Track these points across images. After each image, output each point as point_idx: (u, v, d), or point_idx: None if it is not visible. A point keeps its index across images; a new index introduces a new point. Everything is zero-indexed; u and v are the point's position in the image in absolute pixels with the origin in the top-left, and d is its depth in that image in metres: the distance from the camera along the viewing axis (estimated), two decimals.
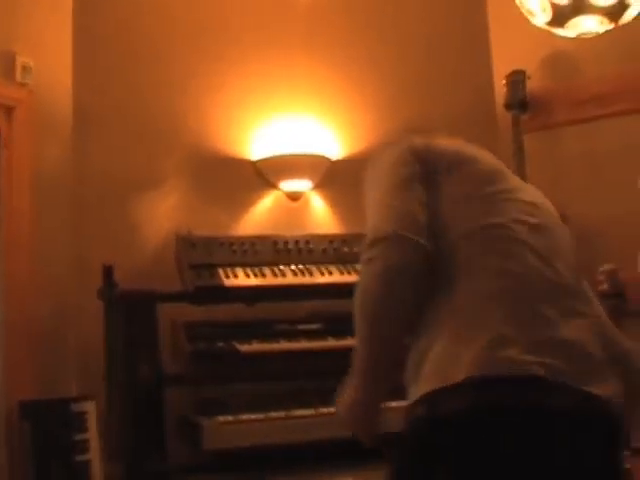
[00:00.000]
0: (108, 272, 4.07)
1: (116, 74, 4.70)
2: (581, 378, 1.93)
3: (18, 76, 4.28)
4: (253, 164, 4.86)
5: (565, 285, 2.08)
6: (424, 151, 2.22)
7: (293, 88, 4.96)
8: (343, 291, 4.30)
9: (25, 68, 4.31)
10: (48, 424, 4.04)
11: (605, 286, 4.33)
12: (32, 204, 4.28)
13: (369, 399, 2.11)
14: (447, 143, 2.29)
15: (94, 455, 4.12)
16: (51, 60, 4.46)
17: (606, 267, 4.34)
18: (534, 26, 4.62)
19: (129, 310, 4.02)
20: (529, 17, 4.54)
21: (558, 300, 2.03)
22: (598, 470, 1.95)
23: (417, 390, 1.98)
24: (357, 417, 2.14)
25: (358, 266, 4.33)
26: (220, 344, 4.14)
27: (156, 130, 4.70)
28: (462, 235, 2.06)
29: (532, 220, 2.11)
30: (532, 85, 5.00)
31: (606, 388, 1.95)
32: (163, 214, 4.66)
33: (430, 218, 2.07)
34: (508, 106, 5.01)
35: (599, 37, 4.61)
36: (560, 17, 4.41)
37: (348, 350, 4.02)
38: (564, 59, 5.10)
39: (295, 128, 4.88)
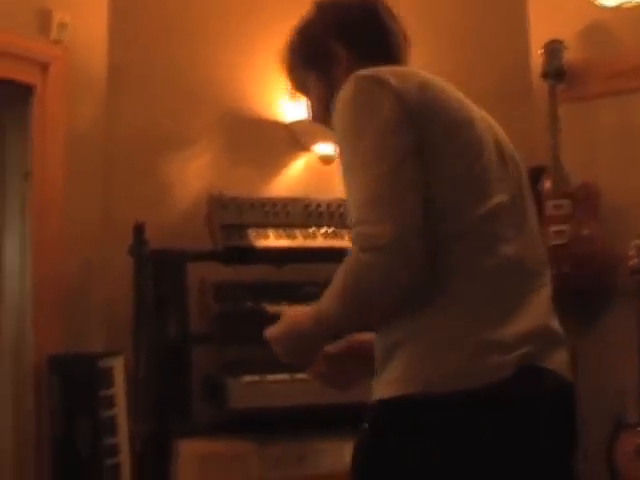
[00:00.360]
0: (139, 230, 4.08)
1: (151, 32, 4.70)
2: (549, 356, 1.93)
3: (53, 33, 4.28)
4: (286, 126, 4.84)
5: (533, 269, 2.02)
6: (417, 107, 1.91)
7: None
8: None
9: (61, 25, 4.30)
10: (76, 379, 4.07)
11: (636, 261, 4.31)
12: (65, 160, 4.30)
13: (316, 343, 2.06)
14: (437, 89, 1.98)
15: (120, 411, 4.15)
16: (87, 17, 4.46)
17: (637, 242, 4.31)
18: None
19: (159, 268, 4.05)
20: None
21: (529, 286, 1.99)
22: (566, 445, 1.99)
23: (382, 387, 1.93)
24: (294, 349, 2.06)
25: None
26: (248, 305, 4.15)
27: (189, 89, 4.70)
28: (454, 233, 1.90)
29: (505, 199, 1.98)
30: (569, 55, 4.95)
31: (561, 360, 1.97)
32: (194, 173, 4.66)
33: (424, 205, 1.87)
34: (545, 75, 4.97)
35: (638, 7, 4.57)
36: None
37: None
38: (602, 30, 5.04)
39: None
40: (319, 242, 4.30)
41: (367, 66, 2.01)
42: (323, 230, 4.35)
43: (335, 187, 4.81)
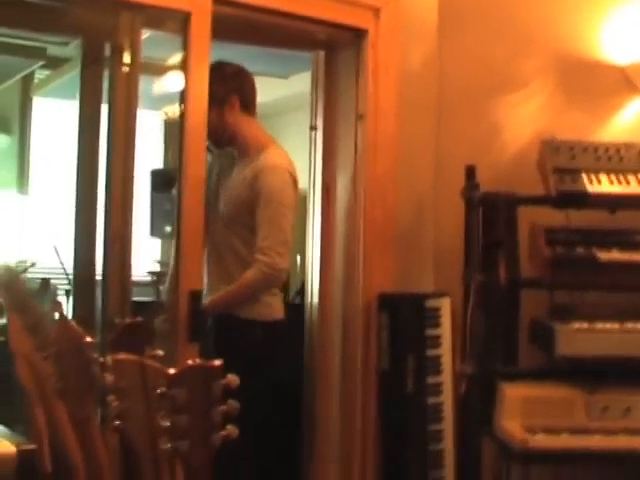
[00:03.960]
0: (470, 173, 4.09)
1: None
2: None
3: None
4: (621, 68, 4.68)
5: None
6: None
7: None
8: None
9: None
10: (404, 317, 4.17)
11: None
12: (397, 102, 4.37)
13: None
14: None
15: (445, 351, 4.22)
16: None
17: None
18: None
19: (490, 211, 4.06)
20: None
21: None
22: None
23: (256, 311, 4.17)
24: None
25: None
26: (579, 250, 4.07)
27: (522, 31, 4.64)
28: None
29: None
30: None
31: None
32: (525, 116, 4.62)
33: None
34: None
35: None
36: None
37: None
38: None
39: None
40: None
41: (245, 115, 4.24)
42: None
43: None
